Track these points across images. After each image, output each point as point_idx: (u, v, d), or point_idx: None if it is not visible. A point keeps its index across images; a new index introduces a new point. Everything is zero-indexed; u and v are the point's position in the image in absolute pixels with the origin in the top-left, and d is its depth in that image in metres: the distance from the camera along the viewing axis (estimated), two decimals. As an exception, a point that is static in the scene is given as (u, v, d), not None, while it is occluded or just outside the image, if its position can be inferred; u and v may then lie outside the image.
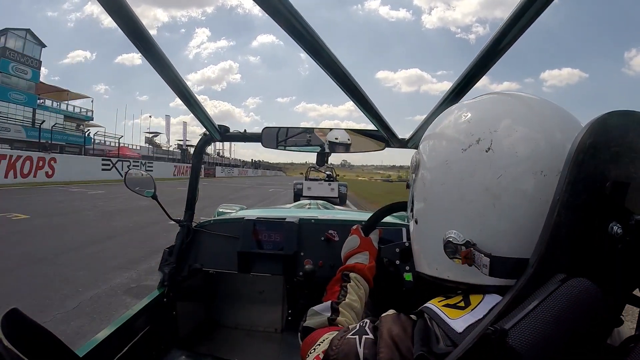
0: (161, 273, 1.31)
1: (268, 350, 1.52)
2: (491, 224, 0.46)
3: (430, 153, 0.55)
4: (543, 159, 0.44)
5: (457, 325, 0.41)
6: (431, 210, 0.53)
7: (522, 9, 0.58)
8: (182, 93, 0.98)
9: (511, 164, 0.45)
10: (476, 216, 0.46)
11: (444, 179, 0.50)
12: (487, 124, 0.48)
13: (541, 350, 0.32)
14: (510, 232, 0.45)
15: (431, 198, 0.53)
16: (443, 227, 0.49)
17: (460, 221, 0.48)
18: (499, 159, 0.46)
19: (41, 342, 0.56)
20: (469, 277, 0.48)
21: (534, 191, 0.44)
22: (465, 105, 0.55)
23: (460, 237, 0.47)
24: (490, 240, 0.45)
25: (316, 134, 1.33)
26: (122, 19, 0.70)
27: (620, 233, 0.37)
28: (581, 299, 0.34)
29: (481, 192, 0.46)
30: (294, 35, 0.68)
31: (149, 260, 3.98)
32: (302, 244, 1.34)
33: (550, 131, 0.46)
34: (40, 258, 3.92)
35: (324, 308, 0.69)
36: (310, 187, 11.86)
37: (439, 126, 0.56)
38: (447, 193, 0.50)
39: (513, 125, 0.47)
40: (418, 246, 0.58)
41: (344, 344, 0.49)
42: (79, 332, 2.36)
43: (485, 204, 0.46)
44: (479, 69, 0.76)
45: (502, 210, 0.45)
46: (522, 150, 0.45)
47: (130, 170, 1.39)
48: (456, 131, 0.51)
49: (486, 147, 0.47)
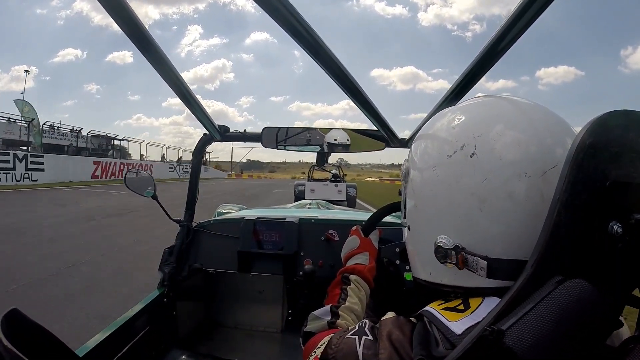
0: (161, 273, 1.31)
1: (268, 350, 1.52)
2: (479, 227, 0.46)
3: (420, 158, 0.56)
4: (527, 161, 0.45)
5: (457, 327, 0.41)
6: (422, 216, 0.54)
7: (522, 9, 0.58)
8: (183, 93, 0.98)
9: (495, 168, 0.46)
10: (464, 220, 0.47)
11: (432, 185, 0.51)
12: (471, 130, 0.49)
13: (539, 350, 0.32)
14: (499, 234, 0.45)
15: (421, 204, 0.54)
16: (434, 233, 0.50)
17: (449, 226, 0.49)
18: (483, 163, 0.46)
19: (41, 342, 0.56)
20: (463, 280, 0.48)
21: (519, 193, 0.45)
22: (454, 110, 0.56)
23: (449, 242, 0.47)
24: (480, 243, 0.46)
25: (316, 133, 1.33)
26: (123, 20, 0.70)
27: (620, 232, 0.37)
28: (579, 300, 0.34)
29: (468, 197, 0.47)
30: (294, 35, 0.68)
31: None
32: (302, 243, 1.34)
33: (537, 134, 0.47)
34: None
35: (324, 312, 0.70)
36: (314, 188, 10.30)
37: (429, 130, 0.57)
38: (435, 199, 0.50)
39: (497, 129, 0.48)
40: (412, 252, 0.59)
41: (343, 343, 0.49)
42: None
43: (472, 208, 0.46)
44: (479, 69, 0.76)
45: (489, 213, 0.45)
46: (506, 154, 0.46)
47: (130, 170, 1.39)
48: (443, 137, 0.52)
49: (470, 153, 0.47)
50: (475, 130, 0.49)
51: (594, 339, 0.35)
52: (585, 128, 0.40)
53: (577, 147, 0.39)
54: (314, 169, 11.94)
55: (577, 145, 0.39)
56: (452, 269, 0.48)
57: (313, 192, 10.03)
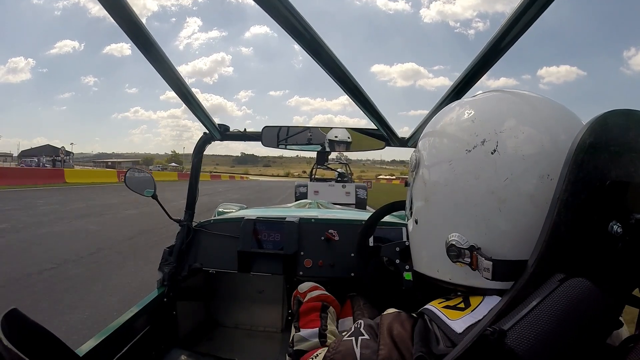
0: (161, 273, 1.31)
1: (268, 350, 1.52)
2: (496, 227, 0.45)
3: (431, 152, 0.53)
4: (548, 161, 0.44)
5: (457, 326, 0.41)
6: (433, 211, 0.52)
7: (524, 8, 0.58)
8: (182, 92, 0.98)
9: (518, 167, 0.44)
10: (481, 219, 0.45)
11: (447, 180, 0.49)
12: (492, 125, 0.47)
13: (540, 351, 0.32)
14: (514, 235, 0.44)
15: (433, 199, 0.51)
16: (446, 229, 0.48)
17: (464, 224, 0.47)
18: (505, 161, 0.45)
19: (41, 342, 0.56)
20: (471, 279, 0.47)
21: (539, 194, 0.43)
22: (468, 103, 0.54)
23: (463, 240, 0.46)
24: (494, 243, 0.45)
25: (317, 132, 1.33)
26: (123, 20, 0.71)
27: (620, 232, 0.37)
28: (580, 299, 0.34)
29: (487, 195, 0.45)
30: (294, 35, 0.68)
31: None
32: (302, 243, 1.34)
33: (554, 132, 0.45)
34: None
35: (310, 334, 0.71)
36: (318, 190, 8.85)
37: (440, 123, 0.54)
38: (450, 194, 0.48)
39: (518, 126, 0.46)
40: (418, 246, 0.57)
41: (341, 346, 0.50)
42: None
43: (491, 207, 0.45)
44: (481, 67, 0.76)
45: (508, 213, 0.44)
46: (528, 152, 0.44)
47: (130, 169, 1.39)
48: (460, 130, 0.50)
49: (492, 149, 0.45)
50: (496, 125, 0.46)
51: (595, 339, 0.35)
52: (585, 128, 0.40)
53: (577, 146, 0.39)
54: (318, 167, 9.93)
55: (577, 144, 0.39)
56: (461, 268, 0.47)
57: (317, 193, 8.68)
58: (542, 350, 0.32)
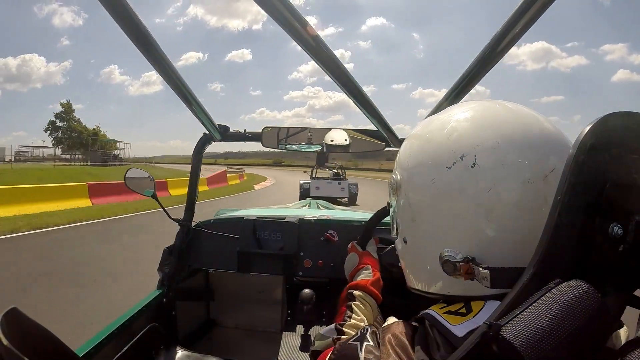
0: (161, 273, 1.31)
1: (268, 350, 1.52)
2: (486, 237, 0.46)
3: (414, 171, 0.53)
4: (527, 167, 0.45)
5: (458, 331, 0.41)
6: (422, 230, 0.52)
7: (522, 10, 0.58)
8: (182, 92, 0.98)
9: (498, 177, 0.45)
10: (471, 231, 0.46)
11: (432, 199, 0.49)
12: (470, 139, 0.47)
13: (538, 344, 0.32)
14: (505, 242, 0.45)
15: (420, 218, 0.52)
16: (437, 246, 0.49)
17: (455, 238, 0.47)
18: (485, 173, 0.45)
19: (41, 342, 0.56)
20: (471, 290, 0.47)
21: (524, 199, 0.44)
22: (443, 118, 0.54)
23: (456, 254, 0.46)
24: (487, 252, 0.45)
25: (316, 133, 1.33)
26: (124, 22, 0.71)
27: (621, 234, 0.37)
28: (578, 301, 0.34)
29: (473, 208, 0.46)
30: (294, 34, 0.68)
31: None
32: (302, 243, 1.34)
33: (532, 139, 0.46)
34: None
35: (330, 331, 0.71)
36: (319, 186, 11.85)
37: (418, 142, 0.54)
38: (437, 212, 0.49)
39: (496, 137, 0.47)
40: (411, 266, 0.57)
41: (346, 349, 0.50)
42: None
43: (479, 219, 0.46)
44: (479, 70, 0.76)
45: (496, 222, 0.45)
46: (508, 160, 0.45)
47: (130, 169, 1.39)
48: (438, 148, 0.50)
49: (471, 163, 0.46)
50: (473, 139, 0.47)
51: (594, 340, 0.35)
52: (586, 129, 0.40)
53: (577, 148, 0.39)
54: (318, 168, 13.24)
55: (577, 146, 0.39)
56: (459, 281, 0.47)
57: (318, 189, 11.62)
58: (540, 343, 0.32)
